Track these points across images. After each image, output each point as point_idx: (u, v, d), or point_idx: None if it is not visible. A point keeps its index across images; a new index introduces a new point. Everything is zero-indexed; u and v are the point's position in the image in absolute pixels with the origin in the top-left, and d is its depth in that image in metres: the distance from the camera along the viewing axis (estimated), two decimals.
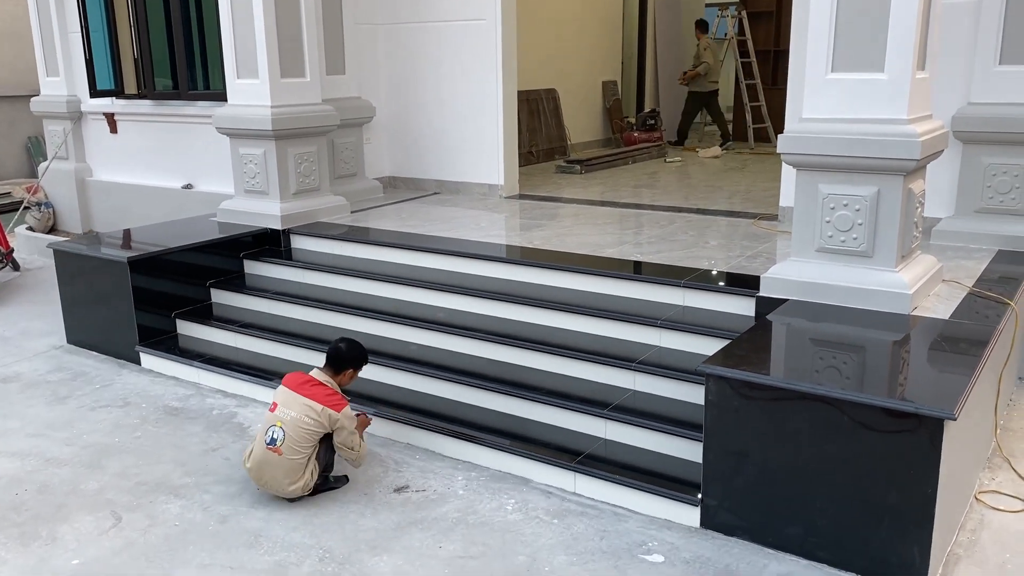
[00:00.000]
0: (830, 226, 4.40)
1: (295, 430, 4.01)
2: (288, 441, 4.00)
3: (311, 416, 4.03)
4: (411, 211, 7.39)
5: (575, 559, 3.66)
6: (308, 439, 4.04)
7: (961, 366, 3.67)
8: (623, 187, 8.69)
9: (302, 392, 4.11)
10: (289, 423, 4.03)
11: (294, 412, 4.05)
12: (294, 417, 4.03)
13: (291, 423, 4.02)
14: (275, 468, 4.02)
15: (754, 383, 3.62)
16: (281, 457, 4.00)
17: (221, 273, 6.47)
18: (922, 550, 3.33)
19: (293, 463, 4.02)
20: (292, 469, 4.03)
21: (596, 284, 5.27)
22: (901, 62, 4.11)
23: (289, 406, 4.07)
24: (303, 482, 4.07)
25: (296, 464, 4.03)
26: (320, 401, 4.07)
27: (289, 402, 4.09)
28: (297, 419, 4.03)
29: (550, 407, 4.56)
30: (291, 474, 4.04)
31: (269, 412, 4.14)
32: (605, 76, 12.53)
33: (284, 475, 4.03)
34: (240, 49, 6.64)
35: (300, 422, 4.02)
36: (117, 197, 9.43)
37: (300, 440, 4.01)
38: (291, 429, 4.01)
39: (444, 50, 8.01)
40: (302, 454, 4.03)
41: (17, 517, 4.08)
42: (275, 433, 4.03)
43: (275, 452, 4.00)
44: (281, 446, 4.00)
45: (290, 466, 4.02)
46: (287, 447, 4.00)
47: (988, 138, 5.45)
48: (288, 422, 4.03)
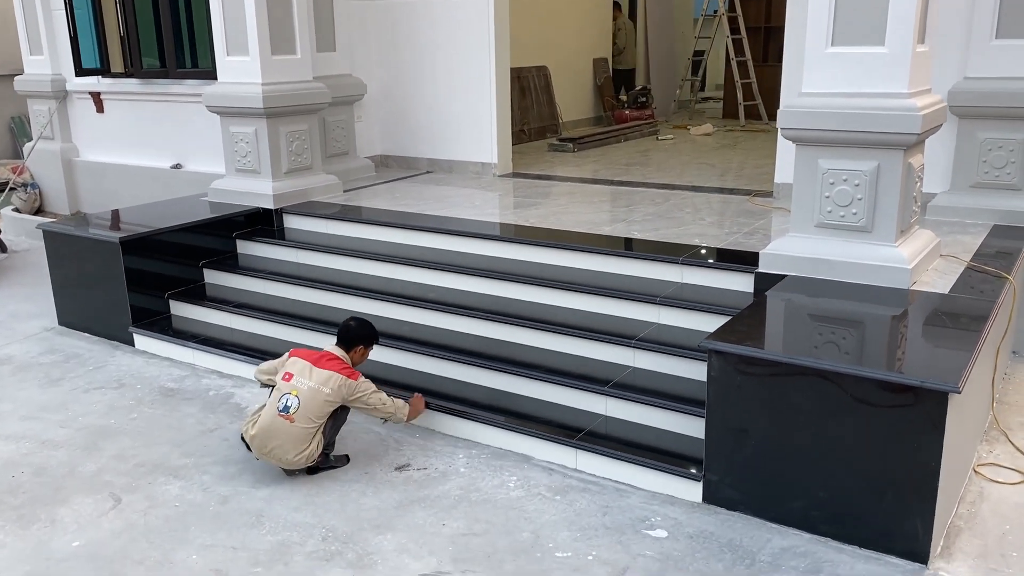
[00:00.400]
0: (829, 201, 4.39)
1: (311, 399, 4.02)
2: (302, 410, 4.01)
3: (329, 386, 4.05)
4: (404, 190, 7.34)
5: (579, 535, 3.67)
6: (322, 409, 4.06)
7: (963, 340, 3.68)
8: (616, 165, 8.66)
9: (320, 365, 4.12)
10: (306, 392, 4.03)
11: (312, 382, 4.06)
12: (311, 387, 4.04)
13: (308, 392, 4.03)
14: (283, 436, 4.01)
15: (757, 358, 3.62)
16: (292, 425, 4.00)
17: (214, 253, 6.41)
18: (925, 523, 3.35)
19: (303, 432, 4.02)
20: (301, 439, 4.02)
21: (593, 262, 5.25)
22: (902, 35, 4.09)
23: (306, 376, 4.08)
24: (308, 453, 4.05)
25: (306, 433, 4.02)
26: (339, 372, 4.10)
27: (305, 372, 4.09)
28: (315, 388, 4.04)
29: (549, 385, 4.55)
30: (299, 444, 4.02)
31: (283, 381, 4.12)
32: (596, 53, 12.44)
33: (292, 444, 4.02)
34: (230, 26, 6.54)
35: (318, 392, 4.03)
36: (104, 177, 9.32)
37: (314, 410, 4.03)
38: (307, 398, 4.02)
39: (436, 27, 7.93)
40: (314, 424, 4.04)
41: (14, 500, 4.04)
42: (289, 401, 4.02)
43: (287, 419, 4.00)
44: (295, 414, 4.00)
45: (299, 435, 4.01)
46: (300, 415, 4.00)
47: (984, 113, 5.44)
48: (304, 391, 4.03)
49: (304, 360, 4.16)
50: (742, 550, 3.54)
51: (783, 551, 3.52)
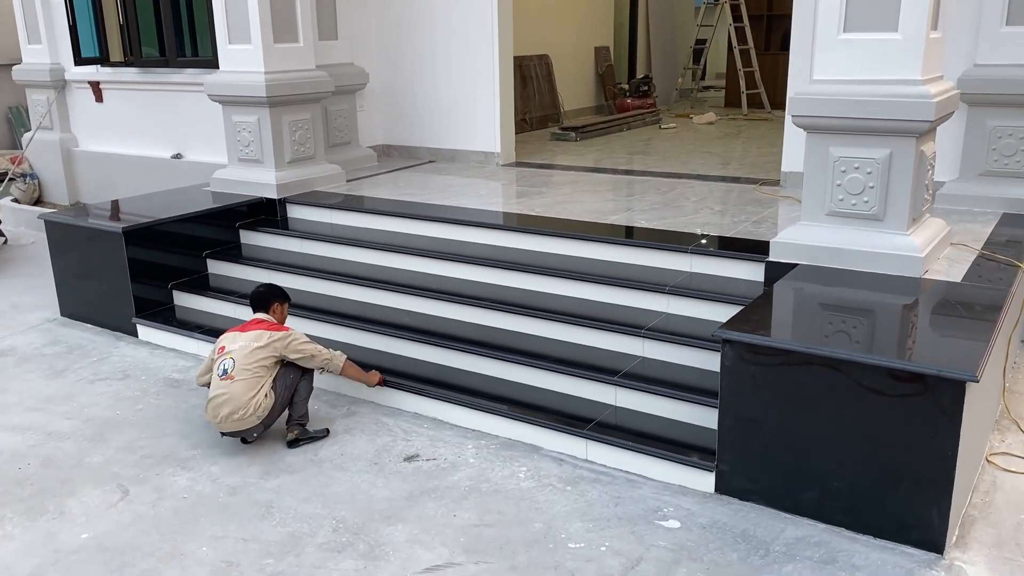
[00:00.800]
0: (841, 189, 4.36)
1: (244, 356, 4.20)
2: (238, 366, 4.18)
3: (260, 341, 4.24)
4: (407, 179, 7.29)
5: (591, 526, 3.64)
6: (259, 363, 4.21)
7: (978, 329, 3.66)
8: (620, 154, 8.61)
9: (246, 328, 4.35)
10: (237, 351, 4.22)
11: (241, 343, 4.26)
12: (242, 345, 4.24)
13: (239, 351, 4.22)
14: (229, 396, 4.14)
15: (772, 347, 3.59)
16: (234, 382, 4.15)
17: (217, 243, 6.37)
18: (941, 512, 3.33)
19: (246, 385, 4.15)
20: (244, 392, 4.14)
21: (601, 251, 5.22)
22: (915, 21, 4.05)
23: (235, 341, 4.29)
24: (256, 404, 4.15)
25: (249, 386, 4.16)
26: (266, 328, 4.31)
27: (235, 339, 4.31)
28: (244, 346, 4.23)
29: (558, 375, 4.52)
30: (243, 397, 4.13)
31: (219, 353, 4.31)
32: (597, 42, 12.37)
33: (238, 400, 4.13)
34: (232, 13, 6.47)
35: (247, 348, 4.22)
36: (104, 167, 9.25)
37: (251, 364, 4.19)
38: (240, 356, 4.20)
39: (438, 15, 7.86)
40: (255, 376, 4.18)
41: (22, 492, 4.01)
42: (225, 363, 4.22)
43: (228, 379, 4.16)
44: (233, 372, 4.17)
45: (242, 389, 4.14)
46: (238, 371, 4.17)
47: (994, 100, 5.41)
48: (236, 351, 4.23)
49: (231, 332, 4.39)
50: (756, 540, 3.52)
51: (797, 541, 3.50)
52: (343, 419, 4.65)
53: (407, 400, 4.73)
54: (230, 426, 4.20)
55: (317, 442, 4.39)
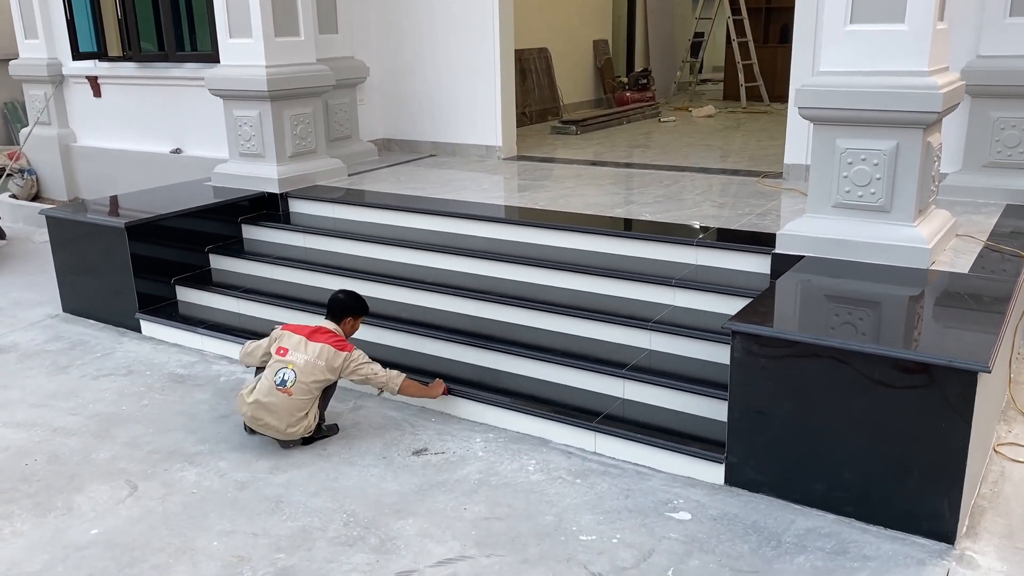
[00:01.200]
0: (847, 181, 4.36)
1: (307, 372, 4.10)
2: (299, 383, 4.08)
3: (324, 359, 4.13)
4: (409, 173, 7.28)
5: (602, 518, 3.65)
6: (318, 382, 4.13)
7: (987, 319, 3.66)
8: (621, 147, 8.61)
9: (313, 338, 4.19)
10: (302, 366, 4.11)
11: (307, 356, 4.13)
12: (307, 360, 4.12)
13: (304, 365, 4.11)
14: (280, 409, 4.08)
15: (781, 339, 3.59)
16: (290, 398, 4.07)
17: (219, 238, 6.35)
18: (952, 503, 3.34)
19: (299, 403, 4.10)
20: (296, 410, 4.10)
21: (606, 244, 5.21)
22: (922, 12, 4.05)
23: (300, 350, 4.15)
24: (304, 424, 4.13)
25: (302, 404, 4.11)
26: (331, 345, 4.18)
27: (299, 346, 4.16)
28: (310, 361, 4.11)
29: (566, 368, 4.52)
30: (294, 415, 4.10)
31: (277, 355, 4.18)
32: (596, 35, 12.36)
33: (288, 415, 4.09)
34: (233, 8, 6.44)
35: (313, 365, 4.11)
36: (102, 163, 9.21)
37: (310, 383, 4.11)
38: (303, 372, 4.10)
39: (438, 7, 7.83)
40: (310, 395, 4.12)
41: (29, 488, 4.00)
42: (286, 375, 4.10)
43: (285, 393, 4.07)
44: (292, 387, 4.07)
45: (295, 407, 4.09)
46: (298, 388, 4.08)
47: (997, 91, 5.41)
48: (300, 365, 4.11)
49: (298, 334, 4.22)
50: (767, 532, 3.53)
51: (808, 532, 3.51)
52: (350, 414, 4.65)
53: None
54: (267, 432, 4.16)
55: (326, 438, 4.38)
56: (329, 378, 4.18)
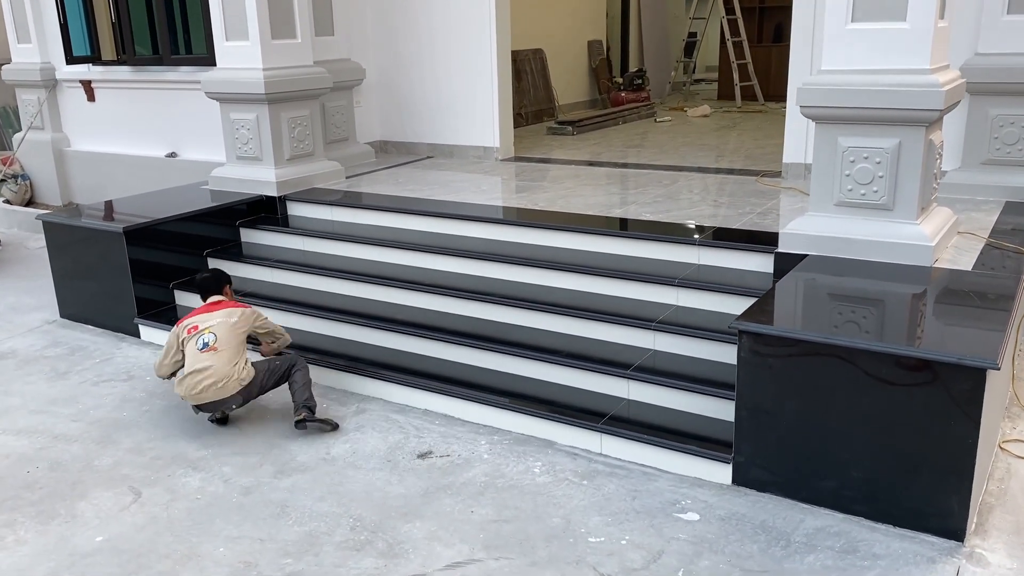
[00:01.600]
0: (850, 179, 4.36)
1: (224, 330, 4.42)
2: (221, 338, 4.39)
3: (235, 317, 4.49)
4: (407, 175, 7.26)
5: (610, 519, 3.63)
6: (238, 336, 4.45)
7: (992, 316, 3.67)
8: (618, 147, 8.60)
9: (214, 309, 4.56)
10: (217, 326, 4.43)
11: (216, 320, 4.46)
12: (220, 321, 4.44)
13: (219, 325, 4.43)
14: (216, 367, 4.31)
15: (788, 338, 3.59)
16: (218, 352, 4.35)
17: (217, 242, 6.32)
18: (961, 500, 3.34)
19: (230, 353, 4.37)
20: (229, 362, 4.34)
21: (608, 244, 5.21)
22: (924, 10, 4.06)
23: (208, 320, 4.47)
24: (245, 373, 4.38)
25: (232, 356, 4.37)
26: (233, 307, 4.58)
27: (205, 318, 4.49)
28: (223, 322, 4.45)
29: (570, 369, 4.51)
30: (229, 366, 4.33)
31: (189, 334, 4.46)
32: (590, 36, 12.35)
33: (225, 367, 4.32)
34: (228, 10, 6.41)
35: (226, 323, 4.44)
36: (97, 167, 9.16)
37: (231, 336, 4.42)
38: (220, 330, 4.41)
39: (435, 9, 7.82)
40: (237, 349, 4.41)
41: (32, 496, 3.96)
42: (206, 338, 4.40)
43: (211, 351, 4.35)
44: (216, 344, 4.37)
45: (228, 357, 4.35)
46: (222, 342, 4.38)
47: (996, 89, 5.42)
48: (216, 326, 4.43)
49: (199, 313, 4.56)
50: (776, 531, 3.52)
51: (817, 531, 3.50)
52: (353, 417, 4.63)
53: (417, 397, 4.70)
54: (211, 395, 4.33)
55: (328, 440, 4.36)
56: (245, 330, 4.50)
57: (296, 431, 4.41)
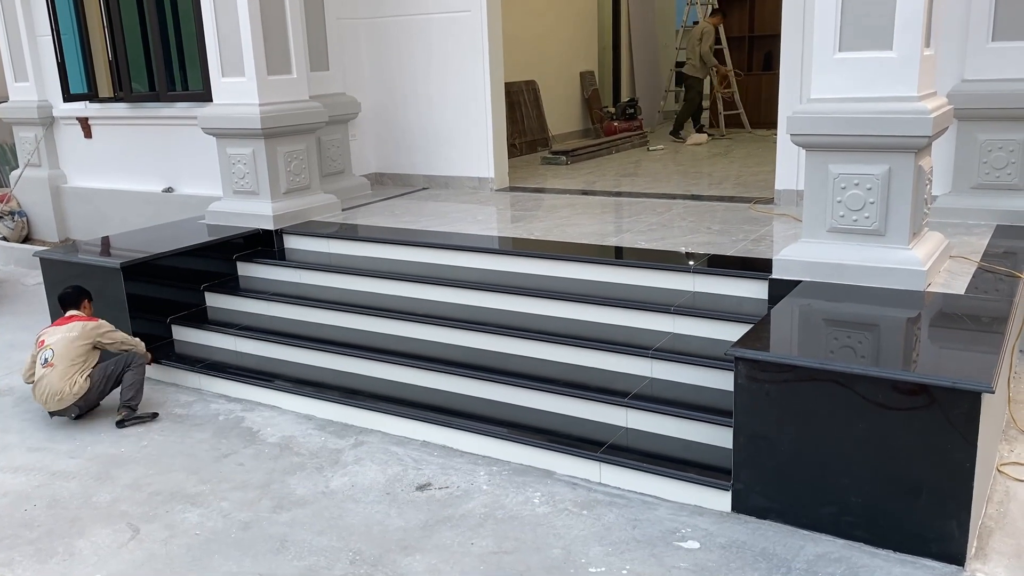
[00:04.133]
0: (841, 206, 4.41)
1: (62, 345, 4.90)
2: (57, 355, 4.88)
3: (75, 331, 4.94)
4: (403, 207, 7.30)
5: (610, 549, 3.63)
6: (76, 350, 4.90)
7: (986, 340, 3.70)
8: (611, 176, 8.67)
9: (62, 323, 5.04)
10: (56, 342, 4.92)
11: (58, 335, 4.96)
12: (59, 338, 4.94)
13: (57, 342, 4.92)
14: (51, 380, 4.85)
15: (785, 364, 3.61)
16: (54, 369, 4.85)
17: (214, 276, 6.34)
18: (960, 524, 3.34)
19: (64, 371, 4.84)
20: (64, 375, 4.84)
21: (603, 273, 5.23)
22: (910, 40, 4.13)
23: (53, 335, 4.99)
24: (75, 386, 4.85)
25: (67, 371, 4.85)
26: (80, 320, 5.02)
27: (52, 333, 5.02)
28: (62, 338, 4.93)
29: (568, 398, 4.52)
30: (64, 379, 4.83)
31: (38, 347, 5.01)
32: (582, 67, 12.49)
33: (58, 383, 4.83)
34: (225, 47, 6.50)
35: (65, 339, 4.92)
36: (94, 203, 9.21)
37: (68, 351, 4.88)
38: (58, 346, 4.90)
39: (429, 43, 7.92)
40: (73, 363, 4.87)
41: (30, 534, 3.94)
42: (46, 354, 4.92)
43: (49, 367, 4.87)
44: (53, 359, 4.88)
45: (62, 373, 4.84)
46: (58, 358, 4.87)
47: (983, 114, 5.50)
48: (55, 342, 4.93)
49: (49, 328, 5.11)
50: (776, 559, 3.51)
51: (818, 558, 3.50)
52: (352, 450, 4.62)
53: (415, 428, 4.70)
54: (52, 405, 4.90)
55: (327, 473, 4.36)
56: (86, 343, 4.95)
57: (293, 465, 4.40)
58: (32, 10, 9.04)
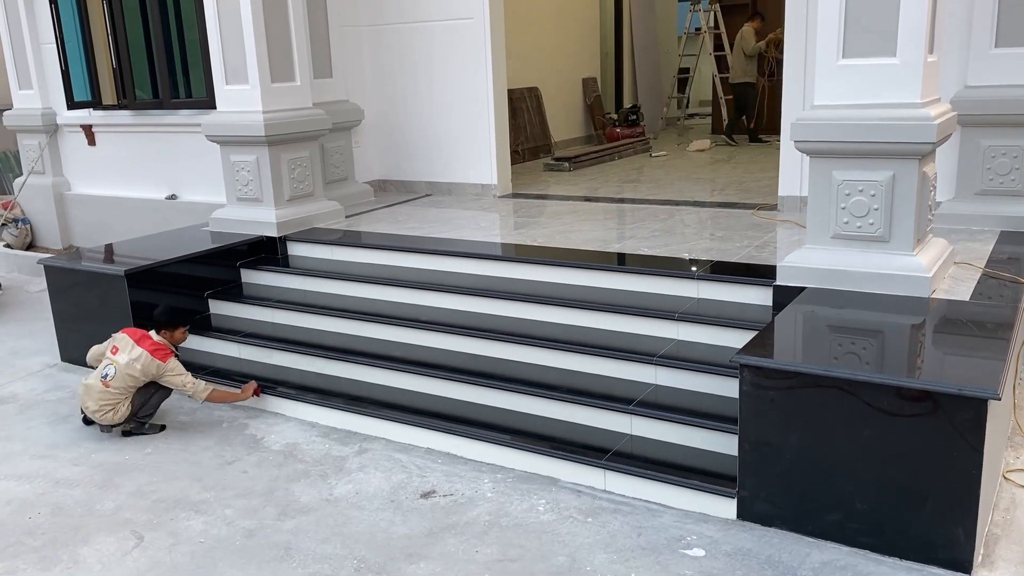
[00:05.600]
0: (845, 212, 4.41)
1: (122, 371, 4.83)
2: (116, 379, 4.83)
3: (140, 363, 4.84)
4: (406, 214, 7.31)
5: (616, 557, 3.62)
6: (130, 382, 4.84)
7: (992, 346, 3.69)
8: (614, 182, 8.68)
9: (139, 342, 4.91)
10: (121, 365, 4.85)
11: (128, 357, 4.86)
12: (127, 360, 4.86)
13: (124, 365, 4.85)
14: (94, 395, 4.84)
15: (790, 371, 3.60)
16: (106, 389, 4.83)
17: (218, 283, 6.34)
18: (967, 531, 3.33)
19: (111, 395, 4.83)
20: (107, 399, 4.83)
21: (608, 279, 5.23)
22: (913, 46, 4.13)
23: (127, 351, 4.89)
24: (112, 414, 4.85)
25: (113, 397, 4.83)
26: (150, 352, 4.87)
27: (126, 349, 4.90)
28: (127, 364, 4.85)
29: (572, 405, 4.51)
30: (103, 403, 4.83)
31: (110, 354, 4.93)
32: (585, 73, 12.51)
33: (98, 401, 4.83)
34: (228, 55, 6.51)
35: (129, 366, 4.84)
36: (97, 211, 9.22)
37: (123, 380, 4.83)
38: (122, 370, 4.83)
39: (431, 50, 7.94)
40: (120, 392, 4.85)
41: (34, 542, 3.94)
42: (109, 370, 4.87)
43: (104, 385, 4.83)
44: (111, 380, 4.83)
45: (107, 397, 4.83)
46: (115, 382, 4.83)
47: (986, 121, 5.50)
48: (122, 364, 4.85)
49: (129, 337, 4.95)
50: (782, 566, 3.50)
51: (823, 565, 3.49)
52: (356, 457, 4.62)
53: (420, 435, 4.70)
54: (92, 416, 4.90)
55: (331, 480, 4.35)
56: (141, 380, 4.86)
57: (297, 473, 4.41)
58: (36, 18, 9.07)
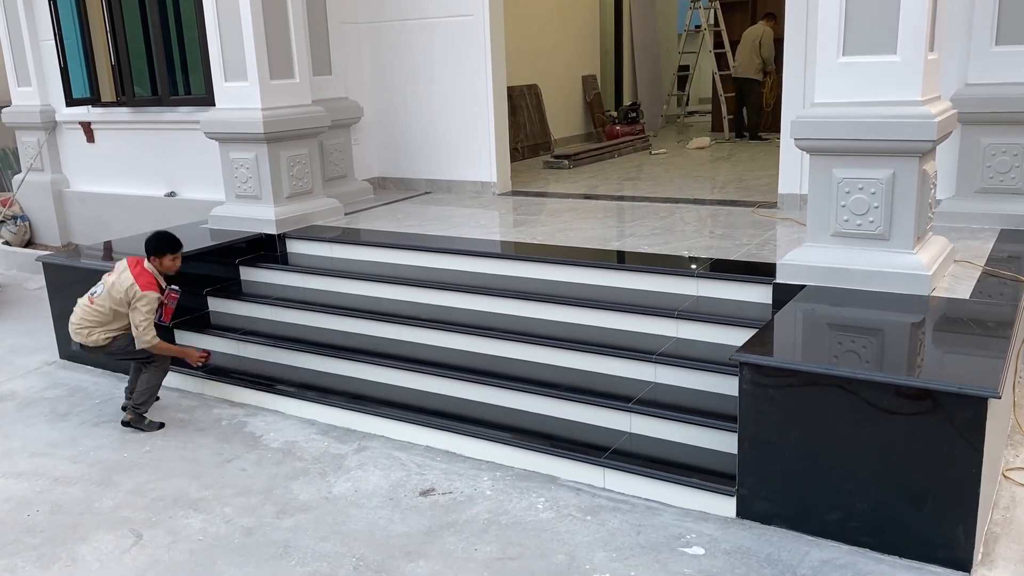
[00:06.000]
0: (846, 210, 4.40)
1: (107, 290, 4.92)
2: (100, 296, 4.92)
3: (122, 285, 4.86)
4: (406, 211, 7.30)
5: (615, 555, 3.61)
6: (110, 303, 4.88)
7: (992, 344, 3.68)
8: (613, 180, 8.67)
9: (131, 267, 4.95)
10: (107, 284, 4.94)
11: (114, 277, 4.94)
12: (112, 282, 4.93)
13: (108, 284, 4.94)
14: (79, 310, 4.97)
15: (790, 369, 3.59)
16: (90, 306, 4.92)
17: (217, 281, 6.33)
18: (966, 530, 3.33)
19: (92, 313, 4.90)
20: (86, 316, 4.91)
21: (607, 277, 5.22)
22: (914, 44, 4.12)
23: (116, 273, 4.97)
24: (86, 333, 4.92)
25: (91, 314, 4.91)
26: (135, 277, 4.88)
27: (118, 270, 4.98)
28: (112, 284, 4.92)
29: (572, 403, 4.50)
30: (82, 319, 4.92)
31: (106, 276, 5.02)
32: (584, 71, 12.49)
33: (78, 317, 4.94)
34: (227, 52, 6.50)
35: (113, 287, 4.90)
36: (96, 207, 9.20)
37: (106, 299, 4.89)
38: (107, 288, 4.93)
39: (431, 47, 7.92)
40: (101, 314, 4.89)
41: (32, 539, 3.93)
42: (98, 287, 4.99)
43: (90, 301, 4.95)
44: (95, 298, 4.94)
45: (87, 313, 4.91)
46: (98, 300, 4.92)
47: (987, 119, 5.49)
48: (107, 284, 4.94)
49: (125, 261, 5.02)
50: (782, 564, 3.50)
51: (823, 563, 3.48)
52: (355, 455, 4.61)
53: (419, 433, 4.69)
54: (71, 332, 4.99)
55: (330, 479, 4.35)
56: (120, 303, 4.86)
57: (296, 471, 4.40)
58: (35, 14, 9.04)
